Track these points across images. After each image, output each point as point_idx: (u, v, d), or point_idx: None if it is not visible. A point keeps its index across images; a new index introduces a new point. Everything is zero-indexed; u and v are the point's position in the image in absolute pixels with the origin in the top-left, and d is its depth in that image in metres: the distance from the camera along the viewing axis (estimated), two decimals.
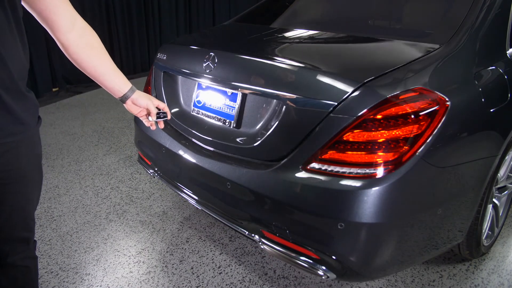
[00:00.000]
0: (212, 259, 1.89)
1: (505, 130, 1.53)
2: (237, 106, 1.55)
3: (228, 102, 1.59)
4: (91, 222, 2.19)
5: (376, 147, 1.21)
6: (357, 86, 1.23)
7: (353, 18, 2.02)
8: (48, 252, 1.94)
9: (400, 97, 1.22)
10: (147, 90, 2.01)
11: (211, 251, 1.95)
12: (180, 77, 1.85)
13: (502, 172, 1.74)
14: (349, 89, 1.24)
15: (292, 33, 1.88)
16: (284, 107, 1.36)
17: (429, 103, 1.24)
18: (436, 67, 1.34)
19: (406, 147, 1.20)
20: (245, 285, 1.73)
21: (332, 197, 1.23)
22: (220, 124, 1.62)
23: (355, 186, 1.20)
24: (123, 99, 1.21)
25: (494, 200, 1.80)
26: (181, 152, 1.70)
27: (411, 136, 1.21)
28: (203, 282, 1.75)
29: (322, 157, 1.27)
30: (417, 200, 1.29)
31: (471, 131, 1.40)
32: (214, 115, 1.65)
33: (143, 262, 1.87)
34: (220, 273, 1.80)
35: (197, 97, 1.75)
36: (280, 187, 1.33)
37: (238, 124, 1.56)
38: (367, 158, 1.21)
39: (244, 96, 1.54)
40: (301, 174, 1.29)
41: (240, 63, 1.56)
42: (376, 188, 1.19)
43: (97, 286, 1.73)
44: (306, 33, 1.82)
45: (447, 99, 1.27)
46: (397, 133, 1.21)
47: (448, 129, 1.27)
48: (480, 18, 1.49)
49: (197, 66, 1.67)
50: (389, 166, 1.20)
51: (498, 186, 1.80)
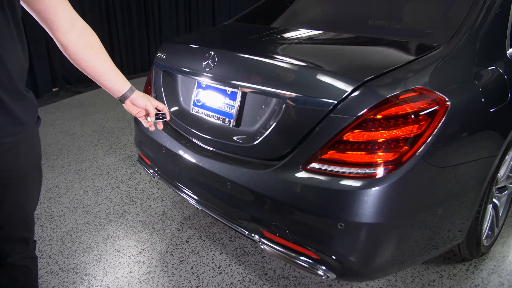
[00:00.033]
0: (212, 259, 1.89)
1: (505, 130, 1.53)
2: (237, 105, 1.55)
3: (228, 101, 1.59)
4: (91, 222, 2.19)
5: (376, 147, 1.21)
6: (357, 85, 1.23)
7: (353, 18, 2.02)
8: (48, 252, 1.94)
9: (400, 97, 1.22)
10: (147, 90, 2.01)
11: (211, 251, 1.95)
12: (180, 76, 1.85)
13: (502, 172, 1.74)
14: (349, 88, 1.24)
15: (292, 33, 1.88)
16: (284, 106, 1.36)
17: (429, 103, 1.24)
18: (436, 67, 1.34)
19: (406, 147, 1.20)
20: (245, 285, 1.73)
21: (332, 197, 1.23)
22: (220, 123, 1.62)
23: (355, 186, 1.20)
24: (122, 99, 1.21)
25: (494, 200, 1.80)
26: (181, 152, 1.70)
27: (411, 136, 1.21)
28: (203, 282, 1.75)
29: (322, 157, 1.27)
30: (417, 200, 1.29)
31: (471, 131, 1.40)
32: (214, 114, 1.65)
33: (143, 262, 1.87)
34: (220, 273, 1.80)
35: (197, 96, 1.75)
36: (280, 187, 1.33)
37: (238, 123, 1.56)
38: (367, 158, 1.21)
39: (244, 95, 1.53)
40: (301, 174, 1.29)
41: (240, 62, 1.56)
42: (376, 188, 1.19)
43: (97, 286, 1.73)
44: (306, 33, 1.82)
45: (447, 99, 1.27)
46: (397, 133, 1.21)
47: (448, 129, 1.27)
48: (480, 18, 1.49)
49: (197, 65, 1.67)
50: (389, 166, 1.20)
51: (498, 186, 1.80)
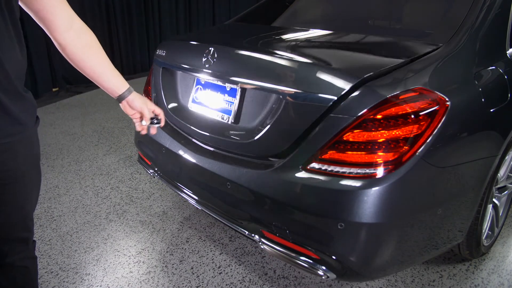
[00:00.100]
0: (212, 259, 1.89)
1: (505, 130, 1.53)
2: (236, 102, 1.55)
3: (227, 98, 1.59)
4: (91, 222, 2.19)
5: (376, 147, 1.21)
6: (357, 81, 1.23)
7: (353, 18, 2.02)
8: (48, 252, 1.94)
9: (400, 97, 1.22)
10: (147, 90, 2.01)
11: (211, 251, 1.95)
12: (179, 73, 1.85)
13: (502, 172, 1.74)
14: (349, 85, 1.24)
15: (292, 32, 1.88)
16: (284, 102, 1.36)
17: (429, 103, 1.24)
18: (436, 67, 1.33)
19: (406, 147, 1.20)
20: (245, 285, 1.73)
21: (332, 197, 1.23)
22: (219, 120, 1.62)
23: (355, 186, 1.20)
24: (120, 99, 1.21)
25: (494, 200, 1.79)
26: (181, 152, 1.70)
27: (411, 136, 1.21)
28: (203, 282, 1.75)
29: (322, 157, 1.27)
30: (417, 200, 1.29)
31: (471, 131, 1.39)
32: (213, 110, 1.65)
33: (143, 262, 1.87)
34: (220, 273, 1.80)
35: (196, 93, 1.75)
36: (280, 187, 1.33)
37: (237, 120, 1.55)
38: (367, 158, 1.21)
39: (243, 91, 1.53)
40: (301, 174, 1.29)
41: (240, 58, 1.55)
42: (376, 188, 1.19)
43: (97, 286, 1.73)
44: (307, 32, 1.82)
45: (447, 99, 1.27)
46: (397, 133, 1.20)
47: (448, 129, 1.27)
48: (480, 18, 1.48)
49: (196, 61, 1.66)
50: (389, 166, 1.20)
51: (498, 186, 1.80)
